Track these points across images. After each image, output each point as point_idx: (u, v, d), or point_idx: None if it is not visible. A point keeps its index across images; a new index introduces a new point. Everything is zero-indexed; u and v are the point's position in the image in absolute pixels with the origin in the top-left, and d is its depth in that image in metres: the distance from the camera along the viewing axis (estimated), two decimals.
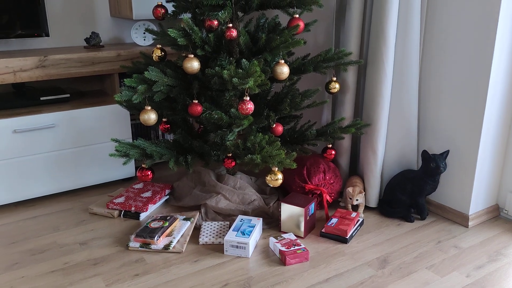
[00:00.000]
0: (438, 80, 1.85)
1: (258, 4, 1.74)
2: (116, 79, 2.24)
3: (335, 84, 1.91)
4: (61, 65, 2.06)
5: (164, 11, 1.82)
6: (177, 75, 1.72)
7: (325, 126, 1.91)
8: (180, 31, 1.65)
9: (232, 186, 1.93)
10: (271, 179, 1.64)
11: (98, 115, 2.10)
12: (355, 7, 1.89)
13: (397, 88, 1.88)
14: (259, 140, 1.63)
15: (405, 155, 1.96)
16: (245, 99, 1.58)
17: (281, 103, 1.81)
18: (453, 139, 1.84)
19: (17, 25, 2.11)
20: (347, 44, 1.94)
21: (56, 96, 2.14)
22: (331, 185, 1.93)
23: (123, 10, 2.30)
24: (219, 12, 1.63)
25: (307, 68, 1.83)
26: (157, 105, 1.82)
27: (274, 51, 1.69)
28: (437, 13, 1.80)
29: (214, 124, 1.74)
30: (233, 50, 1.79)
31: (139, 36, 2.36)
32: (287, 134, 1.95)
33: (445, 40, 1.79)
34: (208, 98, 1.82)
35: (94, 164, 2.14)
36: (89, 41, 2.31)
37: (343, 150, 2.05)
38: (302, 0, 1.69)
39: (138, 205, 1.90)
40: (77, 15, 2.39)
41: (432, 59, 1.86)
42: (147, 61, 1.98)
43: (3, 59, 1.94)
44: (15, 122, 1.93)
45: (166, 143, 1.83)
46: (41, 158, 2.01)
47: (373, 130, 1.91)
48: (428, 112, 1.91)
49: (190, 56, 1.65)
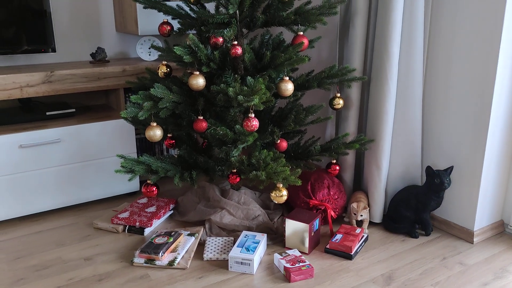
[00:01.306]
0: (442, 96, 1.86)
1: (263, 22, 1.76)
2: (121, 93, 2.25)
3: (339, 100, 1.92)
4: (67, 81, 2.08)
5: (170, 28, 1.84)
6: (182, 92, 1.73)
7: (329, 142, 1.92)
8: (186, 48, 1.67)
9: (236, 201, 1.93)
10: (276, 195, 1.64)
11: (103, 129, 2.12)
12: (358, 24, 1.91)
13: (401, 104, 1.89)
14: (263, 156, 1.64)
15: (409, 170, 1.96)
16: (250, 116, 1.60)
17: (286, 119, 1.83)
18: (457, 154, 1.84)
19: (24, 40, 2.14)
20: (351, 60, 1.95)
21: (62, 111, 2.16)
22: (336, 200, 1.93)
23: (128, 26, 2.33)
24: (225, 30, 1.65)
25: (311, 84, 1.85)
26: (163, 121, 1.83)
27: (278, 68, 1.70)
28: (441, 29, 1.82)
29: (219, 140, 1.75)
30: (238, 66, 1.80)
31: (144, 51, 2.38)
32: (291, 149, 1.96)
33: (448, 56, 1.81)
34: (213, 114, 1.83)
35: (98, 178, 2.15)
36: (95, 56, 2.33)
37: (347, 165, 2.05)
38: (306, 18, 1.71)
39: (143, 220, 1.91)
40: (83, 30, 2.42)
41: (435, 75, 1.87)
42: (152, 77, 2.00)
43: (11, 74, 1.96)
44: (21, 137, 1.95)
45: (171, 159, 1.84)
46: (46, 172, 2.02)
47: (377, 145, 1.92)
48: (432, 127, 1.92)
49: (196, 73, 1.67)
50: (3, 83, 1.95)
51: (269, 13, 1.78)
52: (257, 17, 1.73)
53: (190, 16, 1.83)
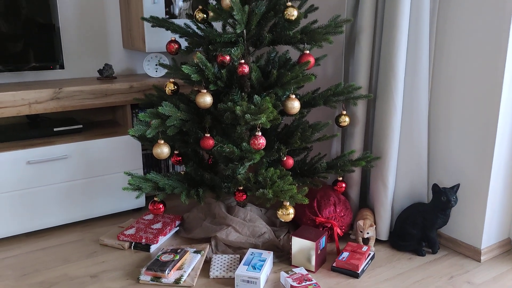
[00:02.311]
0: (448, 113, 1.86)
1: (270, 41, 1.78)
2: (128, 110, 2.27)
3: (345, 117, 1.93)
4: (75, 97, 2.10)
5: (177, 46, 1.87)
6: (189, 109, 1.74)
7: (335, 159, 1.92)
8: (194, 67, 1.69)
9: (242, 218, 1.94)
10: (283, 213, 1.64)
11: (110, 146, 2.13)
12: (364, 42, 1.93)
13: (406, 121, 1.90)
14: (270, 174, 1.64)
15: (416, 188, 1.96)
16: (257, 134, 1.60)
17: (292, 136, 1.83)
18: (463, 172, 1.84)
19: (33, 57, 2.17)
20: (357, 78, 1.97)
21: (69, 127, 2.17)
22: (342, 218, 1.93)
23: (136, 43, 2.36)
24: (232, 49, 1.66)
25: (317, 102, 1.86)
26: (170, 138, 1.84)
27: (285, 86, 1.71)
28: (446, 46, 1.83)
29: (226, 157, 1.75)
30: (244, 84, 1.82)
31: (151, 67, 2.41)
32: (298, 166, 1.96)
33: (453, 73, 1.82)
34: (219, 131, 1.84)
35: (105, 194, 2.15)
36: (102, 72, 2.36)
37: (353, 182, 2.05)
38: (312, 37, 1.73)
39: (149, 237, 1.91)
40: (91, 46, 2.45)
41: (441, 92, 1.88)
42: (159, 93, 2.01)
43: (20, 91, 1.98)
44: (29, 153, 1.96)
45: (178, 176, 1.84)
46: (53, 188, 2.03)
47: (383, 162, 1.92)
48: (438, 145, 1.92)
49: (203, 91, 1.68)
50: (12, 99, 1.97)
51: (275, 32, 1.80)
52: (264, 36, 1.75)
53: (197, 34, 1.85)
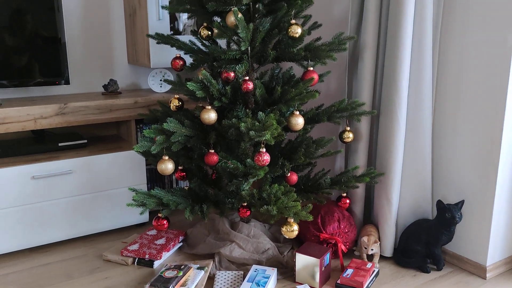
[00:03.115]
0: (451, 129, 1.87)
1: (274, 58, 1.79)
2: (132, 125, 2.28)
3: (349, 133, 1.93)
4: (80, 112, 2.12)
5: (182, 63, 1.88)
6: (194, 125, 1.75)
7: (339, 175, 1.92)
8: (198, 83, 1.70)
9: (246, 234, 1.93)
10: (287, 230, 1.64)
11: (114, 161, 2.14)
12: (367, 58, 1.95)
13: (410, 137, 1.90)
14: (274, 190, 1.64)
15: (420, 204, 1.96)
16: (261, 151, 1.61)
17: (296, 152, 1.84)
18: (468, 188, 1.84)
19: (39, 73, 2.18)
20: (360, 94, 1.98)
21: (74, 142, 2.18)
22: (346, 234, 1.92)
23: (140, 59, 2.38)
24: (237, 66, 1.68)
25: (321, 118, 1.87)
26: (174, 153, 1.85)
27: (289, 103, 1.72)
28: (449, 63, 1.84)
29: (230, 173, 1.76)
30: (249, 100, 1.83)
31: (155, 83, 2.42)
32: (302, 182, 1.96)
33: (457, 89, 1.83)
34: (224, 147, 1.84)
35: (108, 209, 2.16)
36: (107, 87, 2.38)
37: (357, 198, 2.05)
38: (316, 54, 1.74)
39: (152, 253, 1.90)
40: (96, 62, 2.48)
41: (444, 108, 1.88)
42: (164, 109, 2.03)
43: (25, 107, 2.00)
44: (33, 168, 1.97)
45: (182, 191, 1.84)
46: (57, 204, 2.03)
47: (387, 178, 1.92)
48: (442, 161, 1.92)
49: (208, 108, 1.70)
50: (17, 115, 1.99)
51: (279, 49, 1.81)
52: (268, 53, 1.77)
53: (202, 51, 1.87)
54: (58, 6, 2.16)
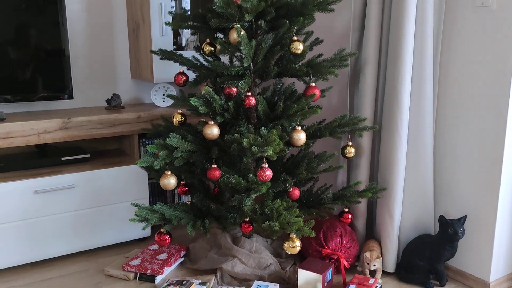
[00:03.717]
0: (453, 144, 1.87)
1: (276, 73, 1.81)
2: (135, 139, 2.30)
3: (351, 148, 1.94)
4: (83, 127, 2.13)
5: (185, 78, 1.90)
6: (196, 140, 1.76)
7: (341, 190, 1.93)
8: (201, 99, 1.71)
9: (248, 249, 1.93)
10: (289, 246, 1.64)
11: (117, 175, 2.14)
12: (369, 74, 1.96)
13: (412, 153, 1.90)
14: (277, 206, 1.64)
15: (422, 219, 1.95)
16: (264, 166, 1.62)
17: (298, 167, 1.84)
18: (470, 203, 1.84)
19: (43, 88, 2.20)
20: (362, 109, 1.99)
21: (77, 156, 2.19)
22: (348, 249, 1.92)
23: (144, 73, 2.40)
24: (239, 82, 1.70)
25: (323, 133, 1.88)
26: (176, 168, 1.85)
27: (291, 118, 1.74)
28: (450, 78, 1.86)
29: (232, 188, 1.76)
30: (251, 116, 1.84)
31: (158, 97, 2.44)
32: (304, 197, 1.97)
33: (458, 104, 1.84)
34: (226, 162, 1.85)
35: (111, 224, 2.15)
36: (110, 102, 2.39)
37: (360, 213, 2.05)
38: (318, 70, 1.76)
39: (154, 268, 1.90)
40: (99, 76, 2.50)
41: (446, 123, 1.89)
42: (167, 124, 2.04)
43: (29, 121, 2.01)
44: (36, 182, 1.98)
45: (184, 206, 1.85)
46: (59, 218, 2.04)
47: (389, 194, 1.92)
48: (444, 176, 1.92)
49: (210, 123, 1.71)
50: (21, 129, 2.00)
51: (281, 65, 1.83)
52: (270, 69, 1.79)
53: (205, 67, 1.89)
54: (62, 20, 2.18)
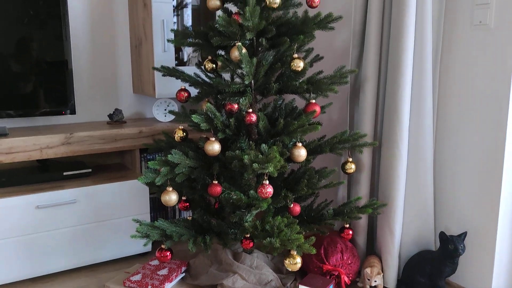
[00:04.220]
0: (453, 160, 1.89)
1: (277, 90, 1.83)
2: (137, 154, 2.31)
3: (351, 164, 1.95)
4: (85, 142, 2.14)
5: (187, 94, 1.92)
6: (198, 156, 1.78)
7: (341, 206, 1.93)
8: (203, 116, 1.73)
9: (249, 265, 1.93)
10: (290, 263, 1.64)
11: (118, 190, 2.15)
12: (368, 90, 1.98)
13: (412, 169, 1.91)
14: (277, 223, 1.65)
15: (423, 235, 1.96)
16: (265, 183, 1.63)
17: (298, 183, 1.85)
18: (470, 219, 1.84)
19: (45, 103, 2.22)
20: (362, 125, 2.00)
21: (78, 171, 2.20)
22: (349, 265, 1.92)
23: (146, 89, 2.42)
24: (240, 99, 1.71)
25: (323, 149, 1.89)
26: (177, 184, 1.86)
27: (291, 135, 1.75)
28: (450, 94, 1.88)
29: (233, 204, 1.77)
30: (252, 132, 1.86)
31: (160, 112, 2.46)
32: (304, 212, 1.97)
33: (457, 120, 1.85)
34: (227, 177, 1.86)
35: (111, 239, 2.16)
36: (112, 117, 2.41)
37: (360, 229, 2.05)
38: (318, 87, 1.78)
39: (155, 284, 1.90)
40: (101, 91, 2.52)
41: (445, 139, 1.91)
42: (168, 140, 2.05)
43: (31, 136, 2.03)
44: (38, 198, 1.98)
45: (185, 222, 1.85)
46: (60, 233, 2.04)
47: (390, 209, 1.92)
48: (444, 192, 1.93)
49: (212, 139, 1.72)
50: (23, 145, 2.02)
51: (282, 82, 1.85)
52: (271, 86, 1.81)
53: (206, 83, 1.91)
54: (66, 35, 2.20)
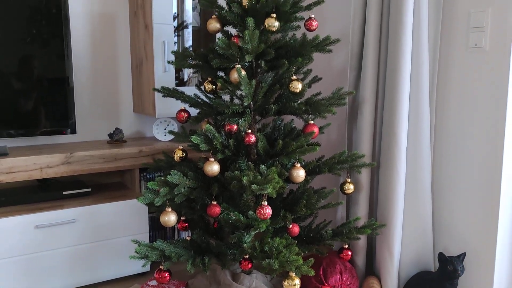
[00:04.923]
0: (451, 180, 1.89)
1: (275, 111, 1.85)
2: (136, 173, 2.32)
3: (350, 185, 1.96)
4: (85, 161, 2.16)
5: (187, 115, 1.94)
6: (197, 177, 1.79)
7: (340, 226, 1.94)
8: (202, 136, 1.75)
9: (248, 286, 1.92)
10: (289, 284, 1.63)
11: (117, 209, 2.16)
12: (366, 111, 2.00)
13: (410, 189, 1.92)
14: (276, 244, 1.65)
15: (422, 255, 1.95)
16: (263, 204, 1.63)
17: (297, 204, 1.86)
18: (469, 240, 1.84)
19: (46, 121, 2.24)
20: (360, 146, 2.02)
21: (78, 191, 2.21)
22: (348, 286, 1.91)
23: (146, 108, 2.44)
24: (240, 120, 1.73)
25: (322, 169, 1.90)
26: (177, 205, 1.87)
27: (290, 155, 1.76)
28: (446, 116, 1.90)
29: (232, 225, 1.77)
30: (251, 152, 1.87)
31: (160, 131, 2.48)
32: (303, 233, 1.97)
33: (455, 140, 1.87)
34: (226, 198, 1.87)
35: (110, 258, 2.15)
36: (113, 136, 2.43)
37: (359, 249, 2.05)
38: (316, 108, 1.80)
39: None
40: (102, 110, 2.54)
41: (443, 159, 1.92)
42: (167, 159, 2.06)
43: (32, 156, 2.04)
44: (37, 217, 1.99)
45: (184, 242, 1.85)
46: (59, 253, 2.04)
47: (389, 230, 1.93)
48: (442, 212, 1.93)
49: (211, 160, 1.73)
50: (24, 164, 2.03)
51: (281, 103, 1.87)
52: (270, 107, 1.83)
53: (206, 104, 1.93)
54: (68, 53, 2.23)
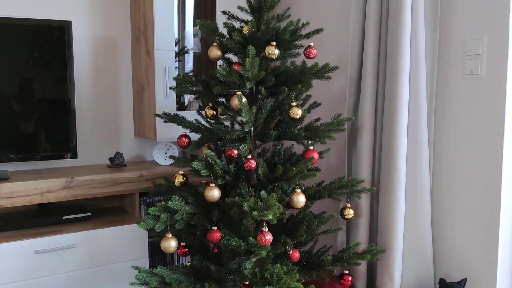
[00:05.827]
0: (450, 205, 1.90)
1: (275, 137, 1.87)
2: (136, 198, 2.32)
3: (350, 210, 1.97)
4: (86, 186, 2.16)
5: (188, 140, 1.96)
6: (197, 202, 1.79)
7: (340, 252, 1.93)
8: (203, 162, 1.76)
9: None
10: None
11: (117, 234, 2.15)
12: (365, 137, 2.02)
13: (410, 214, 1.93)
14: (277, 270, 1.65)
15: (422, 281, 1.94)
16: (264, 231, 1.63)
17: (297, 229, 1.86)
18: (469, 265, 1.84)
19: (47, 145, 2.25)
20: (359, 171, 2.03)
21: (78, 215, 2.21)
22: None
23: (146, 132, 2.46)
24: (240, 145, 1.75)
25: (322, 195, 1.91)
26: (177, 230, 1.87)
27: (290, 181, 1.77)
28: (444, 143, 1.92)
29: (232, 251, 1.77)
30: (251, 177, 1.88)
31: (160, 155, 2.49)
32: (303, 258, 1.97)
33: (454, 166, 1.88)
34: (226, 223, 1.87)
35: (110, 284, 2.14)
36: (113, 160, 2.44)
37: (360, 274, 2.04)
38: (316, 134, 1.82)
39: None
40: (103, 134, 2.56)
41: (443, 184, 1.93)
42: (168, 184, 2.07)
43: (32, 181, 2.05)
44: (37, 242, 1.98)
45: (184, 268, 1.84)
46: (58, 278, 2.02)
47: (389, 255, 1.92)
48: (442, 237, 1.93)
49: (211, 185, 1.74)
50: (25, 189, 2.03)
51: (281, 128, 1.89)
52: (270, 133, 1.85)
53: (207, 129, 1.95)
54: (70, 77, 2.26)
